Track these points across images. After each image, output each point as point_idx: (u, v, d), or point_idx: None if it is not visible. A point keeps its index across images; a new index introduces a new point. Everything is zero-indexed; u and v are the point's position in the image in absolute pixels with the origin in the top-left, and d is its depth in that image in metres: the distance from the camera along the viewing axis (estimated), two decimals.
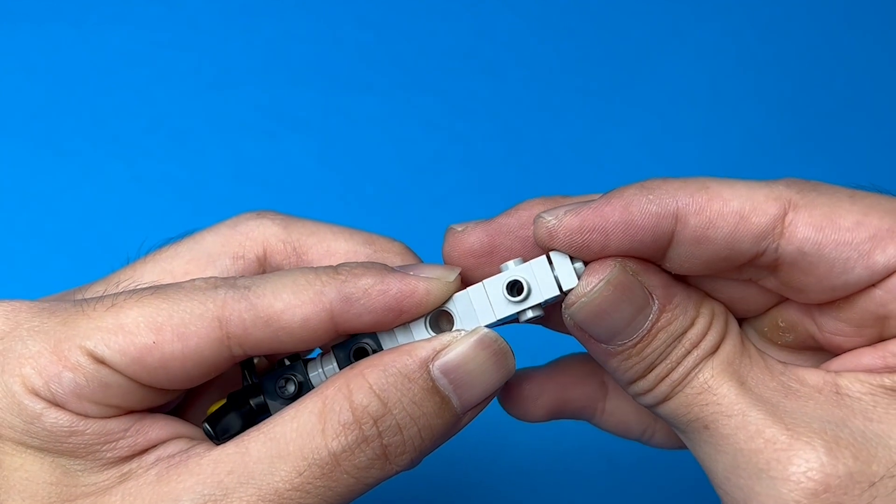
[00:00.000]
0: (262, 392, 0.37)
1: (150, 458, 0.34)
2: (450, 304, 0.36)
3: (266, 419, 0.35)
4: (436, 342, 0.35)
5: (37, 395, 0.33)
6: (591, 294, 0.34)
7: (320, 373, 0.37)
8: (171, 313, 0.34)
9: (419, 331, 0.36)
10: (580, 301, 0.34)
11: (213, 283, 0.35)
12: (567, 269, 0.35)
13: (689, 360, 0.35)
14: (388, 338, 0.36)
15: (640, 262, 0.35)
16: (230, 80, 0.70)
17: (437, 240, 0.38)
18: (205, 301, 0.34)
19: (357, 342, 0.36)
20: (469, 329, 0.35)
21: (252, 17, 0.72)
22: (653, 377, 0.35)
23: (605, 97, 0.70)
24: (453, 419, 0.35)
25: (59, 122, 0.67)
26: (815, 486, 0.32)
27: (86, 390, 0.33)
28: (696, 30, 0.73)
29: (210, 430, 0.36)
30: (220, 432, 0.36)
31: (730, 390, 0.34)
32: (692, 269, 0.35)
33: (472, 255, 0.37)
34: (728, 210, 0.34)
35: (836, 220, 0.34)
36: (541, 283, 0.35)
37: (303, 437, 0.33)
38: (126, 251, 0.41)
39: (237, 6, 0.72)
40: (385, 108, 0.69)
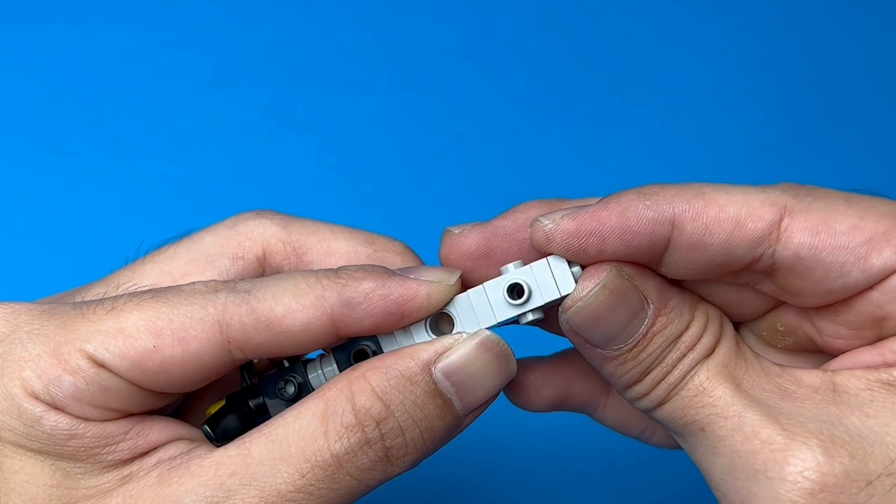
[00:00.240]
0: (261, 393, 0.37)
1: (150, 461, 0.34)
2: (450, 307, 0.36)
3: (267, 421, 0.35)
4: (437, 345, 0.35)
5: (36, 398, 0.33)
6: (586, 299, 0.34)
7: (320, 374, 0.37)
8: (172, 317, 0.34)
9: (419, 333, 0.36)
10: (576, 305, 0.34)
11: (213, 287, 0.34)
12: (565, 273, 0.35)
13: (685, 364, 0.35)
14: (388, 340, 0.36)
15: (635, 266, 0.35)
16: (230, 80, 0.70)
17: (437, 240, 0.38)
18: (205, 305, 0.34)
19: (357, 344, 0.36)
20: (469, 332, 0.35)
21: (252, 17, 0.72)
22: (649, 381, 0.35)
23: (605, 97, 0.70)
24: (455, 421, 0.35)
25: (59, 122, 0.67)
26: (811, 486, 0.32)
27: (86, 394, 0.33)
28: (696, 30, 0.73)
29: (210, 431, 0.36)
30: (219, 434, 0.36)
31: (725, 392, 0.34)
32: (688, 274, 0.35)
33: (469, 258, 0.37)
34: (724, 216, 0.34)
35: (832, 224, 0.34)
36: (541, 285, 0.35)
37: (305, 438, 0.33)
38: (126, 251, 0.41)
39: (237, 6, 0.72)
40: (385, 108, 0.69)
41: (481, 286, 0.36)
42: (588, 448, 0.58)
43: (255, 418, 0.36)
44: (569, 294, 0.35)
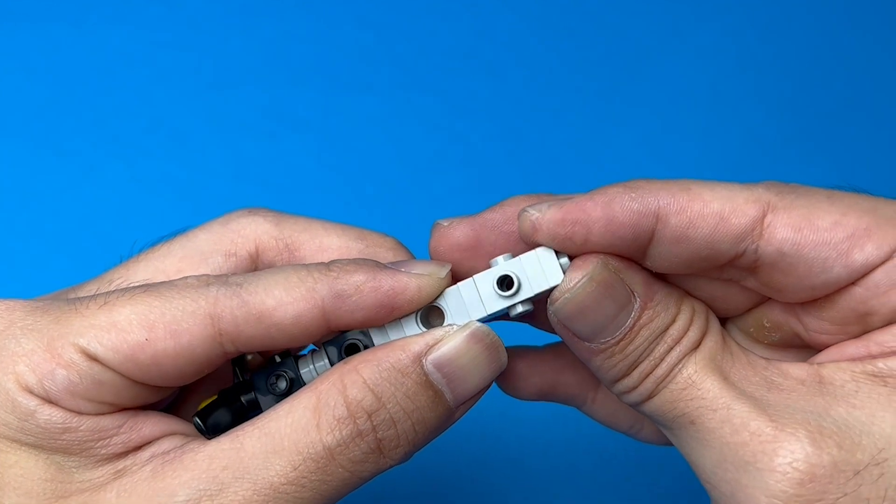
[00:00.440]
0: (253, 389, 0.37)
1: (144, 455, 0.34)
2: (440, 300, 0.36)
3: (260, 414, 0.35)
4: (428, 337, 0.35)
5: (30, 392, 0.33)
6: (574, 290, 0.35)
7: (311, 369, 0.37)
8: (164, 311, 0.34)
9: (410, 326, 0.36)
10: (563, 297, 0.35)
11: (205, 281, 0.35)
12: (553, 265, 0.35)
13: (672, 356, 0.35)
14: (379, 333, 0.36)
15: (621, 259, 0.35)
16: (230, 80, 0.70)
17: None
18: (197, 298, 0.34)
19: (348, 338, 0.36)
20: (460, 324, 0.36)
21: (252, 17, 0.72)
22: (637, 374, 0.35)
23: (605, 97, 0.70)
24: (447, 413, 0.35)
25: (59, 122, 0.67)
26: (801, 477, 0.32)
27: (79, 387, 0.33)
28: (696, 30, 0.73)
29: (200, 423, 0.36)
30: (210, 427, 0.36)
31: (714, 384, 0.35)
32: (672, 267, 0.36)
33: (458, 249, 0.37)
34: (708, 211, 0.34)
35: (815, 220, 0.34)
36: (530, 277, 0.35)
37: (297, 431, 0.34)
38: (125, 251, 0.41)
39: (237, 6, 0.72)
40: (385, 108, 0.69)
41: (471, 279, 0.36)
42: (579, 440, 0.58)
43: (247, 413, 0.37)
44: (556, 286, 0.35)
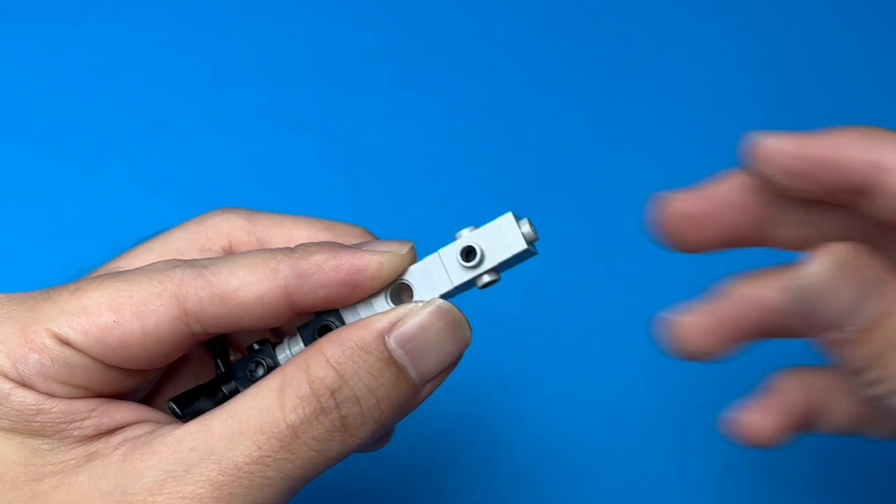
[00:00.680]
0: (233, 377, 0.38)
1: (116, 439, 0.35)
2: (408, 277, 0.36)
3: (230, 399, 0.35)
4: (392, 314, 0.35)
5: (5, 376, 0.34)
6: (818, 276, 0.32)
7: (287, 354, 0.38)
8: (131, 293, 0.35)
9: (380, 305, 0.36)
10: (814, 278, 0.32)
11: (172, 264, 0.36)
12: (515, 233, 0.36)
13: None
14: (351, 314, 0.37)
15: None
16: (230, 80, 0.70)
17: (438, 239, 0.38)
18: (163, 280, 0.35)
19: (321, 321, 0.37)
20: (428, 299, 0.36)
21: (252, 17, 0.72)
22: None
23: (605, 97, 0.70)
24: (411, 390, 0.36)
25: (59, 122, 0.67)
26: None
27: (51, 370, 0.34)
28: (696, 30, 0.73)
29: (175, 407, 0.37)
30: (190, 414, 0.37)
31: None
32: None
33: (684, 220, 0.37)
34: None
35: None
36: (493, 246, 0.36)
37: (262, 412, 0.34)
38: (120, 252, 0.42)
39: (237, 6, 0.72)
40: (385, 108, 0.69)
41: (436, 253, 0.36)
42: (587, 446, 0.58)
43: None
44: (525, 250, 0.35)
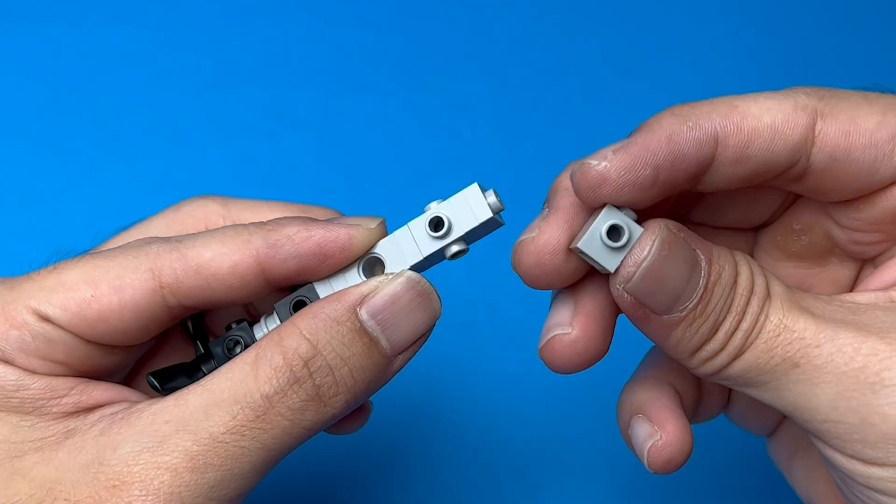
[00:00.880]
0: (211, 357, 0.38)
1: (94, 416, 0.35)
2: (379, 249, 0.37)
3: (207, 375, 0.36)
4: (364, 286, 0.36)
5: None
6: (650, 258, 0.34)
7: (265, 331, 0.38)
8: (108, 269, 0.36)
9: (353, 278, 0.37)
10: (641, 268, 0.34)
11: (147, 241, 0.37)
12: (480, 202, 0.36)
13: (753, 306, 0.34)
14: (325, 288, 0.37)
15: (674, 222, 0.35)
16: (230, 80, 0.70)
17: None
18: (138, 255, 0.36)
19: (296, 297, 0.37)
20: (399, 271, 0.37)
21: (252, 17, 0.72)
22: (722, 334, 0.34)
23: (606, 97, 0.70)
24: (384, 360, 0.36)
25: (59, 122, 0.67)
26: None
27: (31, 346, 0.35)
28: (696, 30, 0.73)
29: (154, 381, 0.37)
30: (167, 390, 0.37)
31: (807, 323, 0.34)
32: (725, 186, 0.36)
33: (555, 254, 0.36)
34: (762, 126, 0.34)
35: (860, 123, 0.35)
36: (460, 217, 0.37)
37: (236, 384, 0.35)
38: (100, 242, 0.42)
39: (237, 6, 0.72)
40: (385, 108, 0.69)
41: (405, 226, 0.37)
42: (585, 441, 0.58)
43: None
44: (490, 219, 0.36)
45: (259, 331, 0.38)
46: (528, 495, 0.57)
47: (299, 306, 0.37)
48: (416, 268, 0.37)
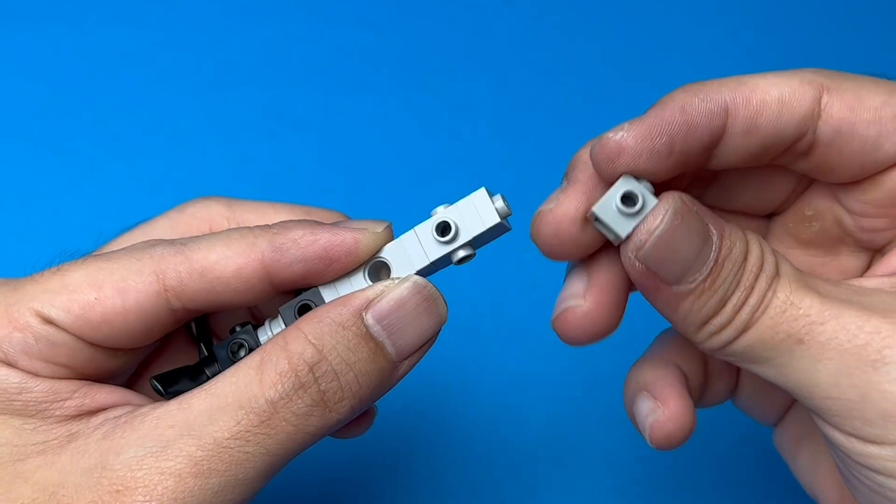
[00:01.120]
0: (215, 360, 0.38)
1: (97, 420, 0.35)
2: (385, 254, 0.37)
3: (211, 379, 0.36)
4: (370, 291, 0.36)
5: None
6: (662, 226, 0.34)
7: (269, 335, 0.38)
8: (112, 271, 0.35)
9: (359, 282, 0.37)
10: (653, 236, 0.34)
11: (151, 243, 0.36)
12: (488, 207, 0.36)
13: (762, 283, 0.35)
14: (330, 292, 0.37)
15: (688, 196, 0.35)
16: (230, 80, 0.70)
17: None
18: (142, 258, 0.36)
19: (301, 300, 0.37)
20: (405, 276, 0.36)
21: (252, 17, 0.72)
22: (730, 308, 0.35)
23: (606, 97, 0.70)
24: (389, 365, 0.36)
25: (59, 122, 0.67)
26: None
27: (34, 349, 0.35)
28: (696, 30, 0.73)
29: (158, 385, 0.37)
30: (171, 394, 0.37)
31: (813, 301, 0.34)
32: (738, 162, 0.36)
33: (573, 223, 0.37)
34: (770, 98, 0.36)
35: (865, 100, 0.36)
36: (467, 221, 0.36)
37: (241, 388, 0.34)
38: (103, 243, 0.42)
39: (237, 6, 0.72)
40: (385, 108, 0.69)
41: (412, 230, 0.37)
42: (586, 441, 0.58)
43: None
44: (497, 224, 0.36)
45: (263, 334, 0.38)
46: (529, 497, 0.57)
47: (304, 310, 0.37)
48: (423, 272, 0.37)
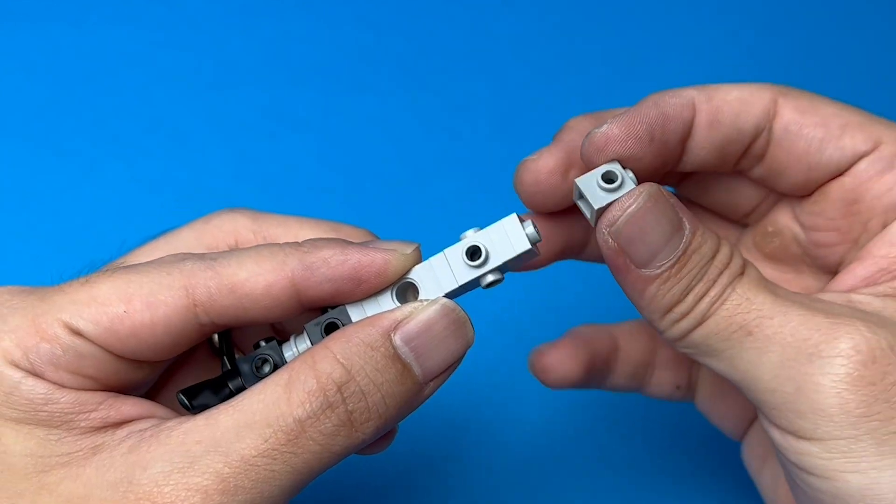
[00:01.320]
0: (239, 374, 0.38)
1: (122, 433, 0.35)
2: (413, 275, 0.37)
3: (238, 395, 0.36)
4: (398, 312, 0.36)
5: (16, 365, 0.34)
6: (635, 206, 0.36)
7: (294, 352, 0.38)
8: (141, 284, 0.35)
9: (386, 303, 0.37)
10: (625, 213, 0.36)
11: (181, 257, 0.36)
12: (519, 233, 0.37)
13: (724, 279, 0.37)
14: (358, 312, 0.37)
15: (668, 190, 0.38)
16: (230, 80, 0.70)
17: (438, 239, 0.39)
18: (172, 272, 0.35)
19: (328, 318, 0.37)
20: (433, 298, 0.36)
21: (252, 17, 0.72)
22: (691, 298, 0.37)
23: (605, 97, 0.70)
24: (416, 387, 0.36)
25: (59, 122, 0.67)
26: (863, 358, 0.35)
27: (62, 360, 0.35)
28: (696, 30, 0.73)
29: (184, 399, 0.37)
30: (197, 408, 0.37)
31: (767, 298, 0.37)
32: (706, 159, 0.40)
33: (550, 175, 0.41)
34: (731, 97, 0.40)
35: (817, 108, 0.40)
36: (498, 246, 0.36)
37: (269, 406, 0.34)
38: (126, 252, 0.42)
39: (237, 6, 0.72)
40: (385, 108, 0.69)
41: (441, 253, 0.37)
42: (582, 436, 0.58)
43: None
44: (527, 251, 0.36)
45: (288, 350, 0.38)
46: (530, 498, 0.57)
47: (331, 329, 0.37)
48: (450, 295, 0.37)
